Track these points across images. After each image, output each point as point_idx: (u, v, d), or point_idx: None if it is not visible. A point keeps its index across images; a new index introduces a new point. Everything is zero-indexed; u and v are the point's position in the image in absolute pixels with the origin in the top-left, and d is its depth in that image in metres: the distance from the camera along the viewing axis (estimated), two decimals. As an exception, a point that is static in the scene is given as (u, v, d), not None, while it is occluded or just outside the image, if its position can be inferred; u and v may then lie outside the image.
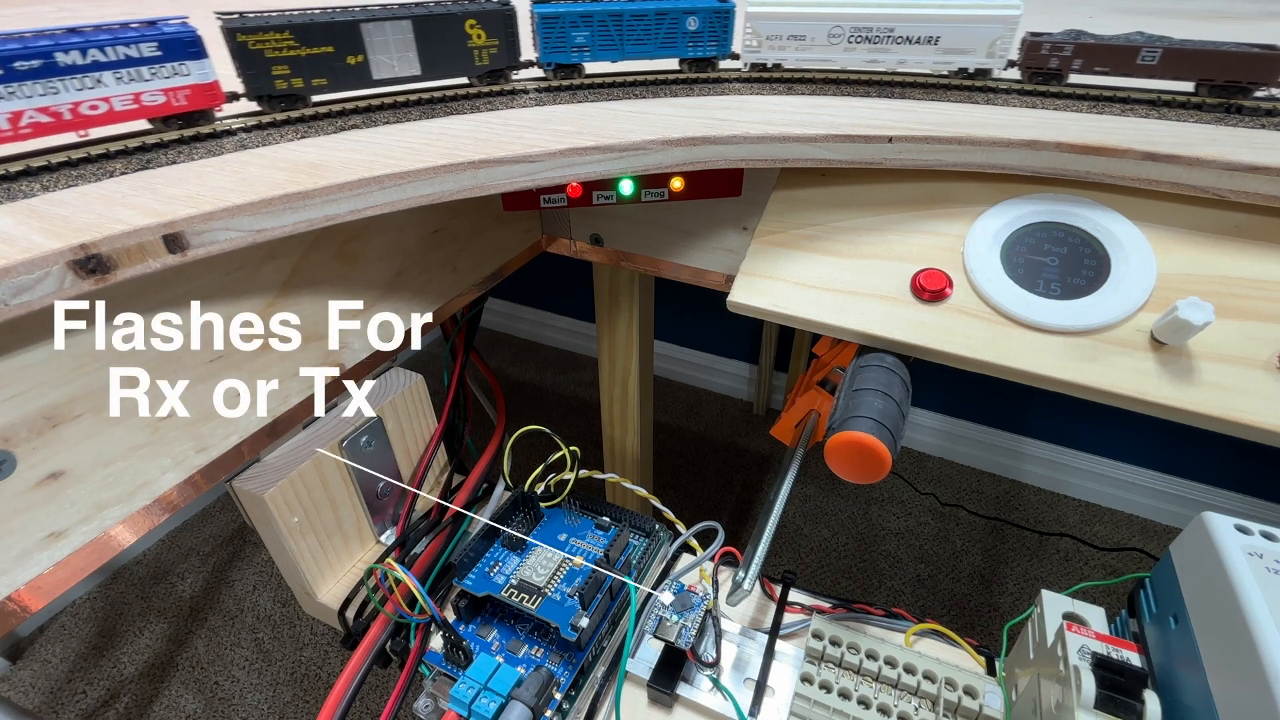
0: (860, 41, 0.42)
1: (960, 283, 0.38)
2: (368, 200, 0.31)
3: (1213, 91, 0.39)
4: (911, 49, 0.42)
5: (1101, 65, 0.40)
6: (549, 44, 0.41)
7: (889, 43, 0.42)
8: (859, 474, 0.33)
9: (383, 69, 0.38)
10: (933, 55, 0.42)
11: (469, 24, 0.39)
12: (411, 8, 0.38)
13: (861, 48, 0.42)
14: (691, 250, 0.53)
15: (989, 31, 0.41)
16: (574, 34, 0.41)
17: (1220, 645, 0.26)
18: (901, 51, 0.42)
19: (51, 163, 0.30)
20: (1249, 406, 0.32)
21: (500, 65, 0.41)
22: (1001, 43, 0.42)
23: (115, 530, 0.32)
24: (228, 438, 0.36)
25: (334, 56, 0.36)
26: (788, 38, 0.42)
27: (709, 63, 0.45)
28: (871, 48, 0.42)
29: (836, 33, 0.41)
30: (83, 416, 0.29)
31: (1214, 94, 0.39)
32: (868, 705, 0.35)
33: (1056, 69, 0.42)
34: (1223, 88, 0.39)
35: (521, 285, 1.94)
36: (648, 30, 0.42)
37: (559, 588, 0.40)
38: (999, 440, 1.46)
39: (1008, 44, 0.42)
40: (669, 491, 1.45)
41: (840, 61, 0.43)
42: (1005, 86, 0.43)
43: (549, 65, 0.42)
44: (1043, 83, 0.42)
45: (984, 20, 0.41)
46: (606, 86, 0.44)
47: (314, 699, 1.09)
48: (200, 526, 1.39)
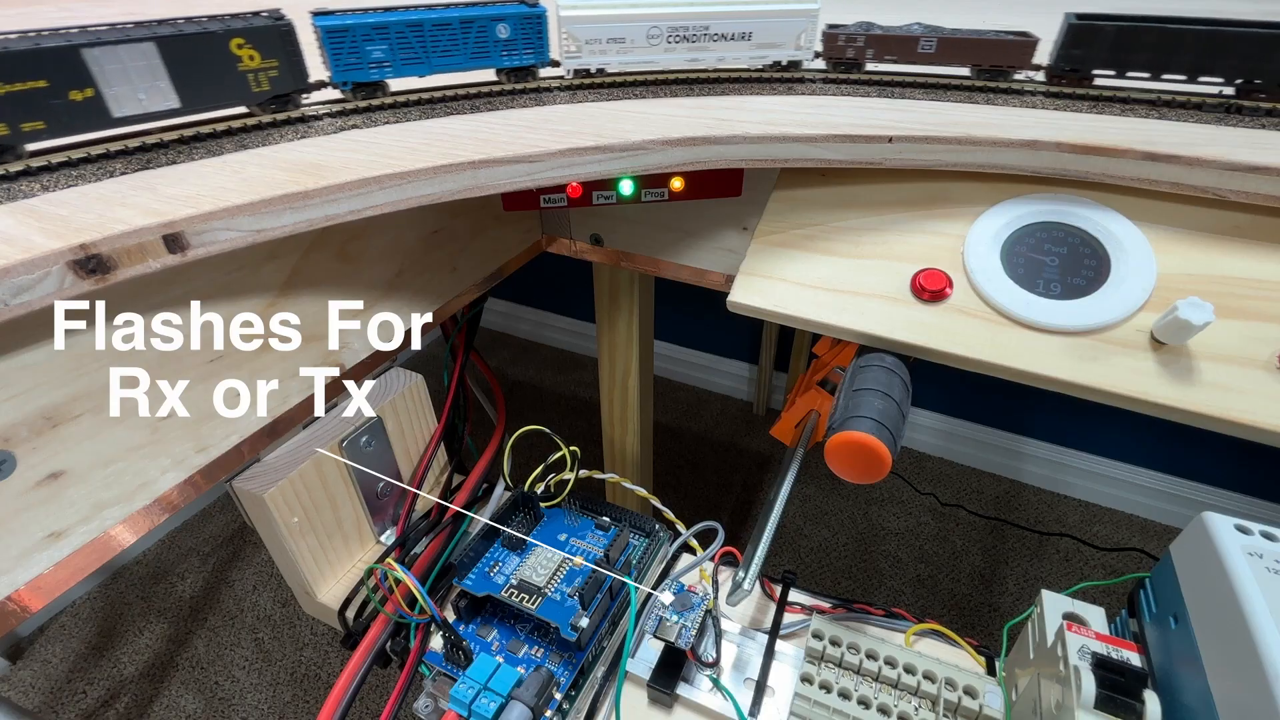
0: (679, 41, 0.42)
1: (960, 283, 0.38)
2: (368, 200, 0.31)
3: (981, 75, 0.44)
4: (728, 46, 0.43)
5: (890, 54, 0.44)
6: (341, 61, 0.37)
7: (706, 40, 0.42)
8: (859, 474, 0.33)
9: (125, 104, 0.31)
10: (748, 51, 0.43)
11: (235, 44, 0.33)
12: (154, 27, 0.31)
13: (681, 47, 0.42)
14: (691, 250, 0.53)
15: (794, 25, 0.43)
16: (369, 48, 0.37)
17: (1220, 645, 0.26)
18: (719, 49, 0.43)
19: (51, 163, 0.30)
20: (1249, 406, 0.32)
21: (285, 89, 0.36)
22: (806, 36, 0.44)
23: (115, 530, 0.32)
24: (228, 438, 0.36)
25: (49, 93, 0.29)
26: (607, 41, 0.41)
27: (528, 72, 0.43)
28: (691, 46, 0.42)
29: (655, 33, 0.41)
30: (83, 416, 0.29)
31: (982, 76, 0.44)
32: (868, 705, 0.35)
33: (854, 58, 0.45)
34: (989, 71, 0.44)
35: (521, 285, 1.94)
36: (454, 41, 0.39)
37: (559, 588, 0.40)
38: (999, 440, 1.46)
39: (812, 37, 0.44)
40: (669, 491, 1.45)
41: (663, 62, 0.43)
42: (812, 76, 0.45)
43: (345, 85, 0.38)
44: (845, 71, 0.46)
45: (789, 15, 0.43)
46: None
47: (314, 699, 1.09)
48: (200, 526, 1.39)
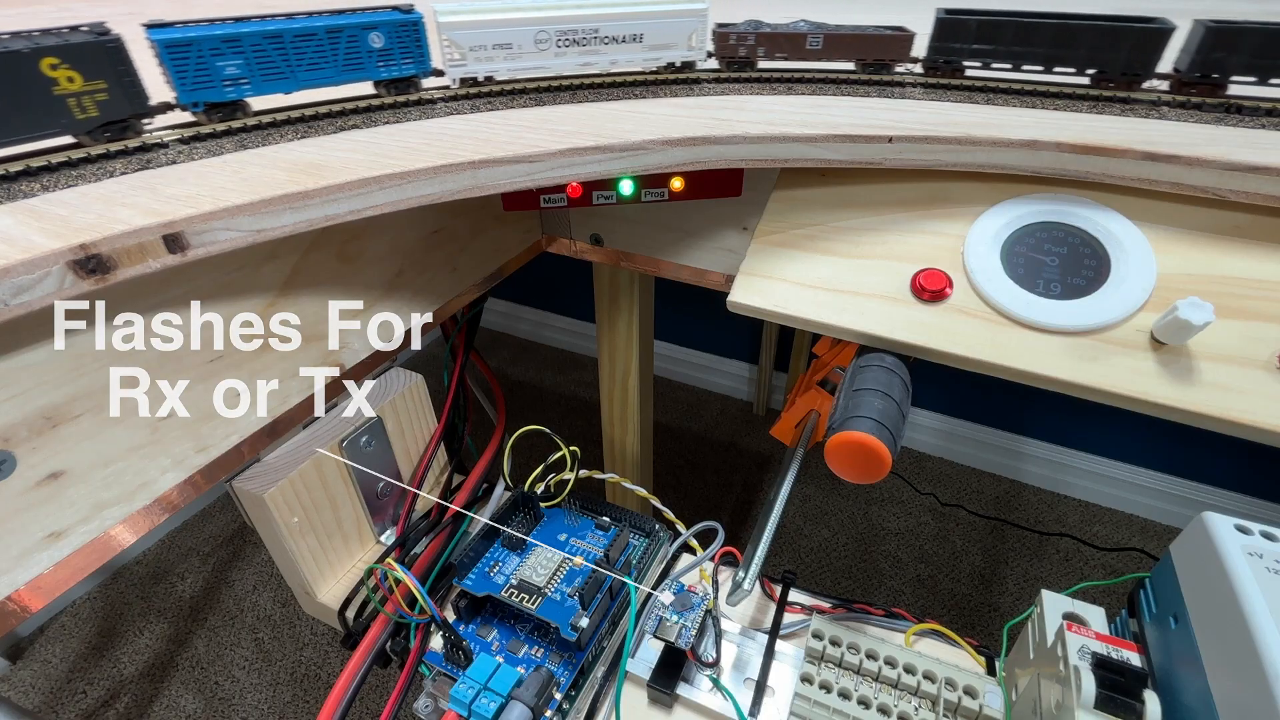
0: (569, 45, 0.41)
1: (960, 283, 0.38)
2: (368, 200, 0.31)
3: (866, 69, 0.46)
4: (620, 48, 0.42)
5: (780, 52, 0.44)
6: (186, 80, 0.33)
7: (597, 44, 0.41)
8: (859, 474, 0.33)
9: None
10: (641, 53, 0.43)
11: (48, 64, 0.28)
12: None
13: (572, 52, 0.41)
14: (691, 250, 0.53)
15: (685, 26, 0.43)
16: (221, 64, 0.33)
17: (1220, 645, 0.26)
18: (611, 51, 0.42)
19: (51, 163, 0.30)
20: (1249, 406, 0.32)
21: (119, 114, 0.31)
22: (698, 36, 0.44)
23: (115, 530, 0.32)
24: (228, 438, 0.36)
25: None
26: (493, 47, 0.40)
27: (409, 83, 0.40)
28: (582, 50, 0.41)
29: (543, 38, 0.40)
30: (83, 416, 0.29)
31: (867, 70, 0.46)
32: (868, 705, 0.35)
33: (746, 57, 0.45)
34: (873, 64, 0.45)
35: (521, 285, 1.94)
36: (322, 52, 0.36)
37: (559, 588, 0.40)
38: (999, 440, 1.46)
39: (703, 37, 0.44)
40: (669, 491, 1.45)
41: (554, 68, 0.42)
42: (707, 76, 0.46)
43: (196, 107, 0.34)
44: (738, 70, 0.46)
45: (679, 16, 0.43)
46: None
47: (314, 699, 1.09)
48: (200, 526, 1.39)
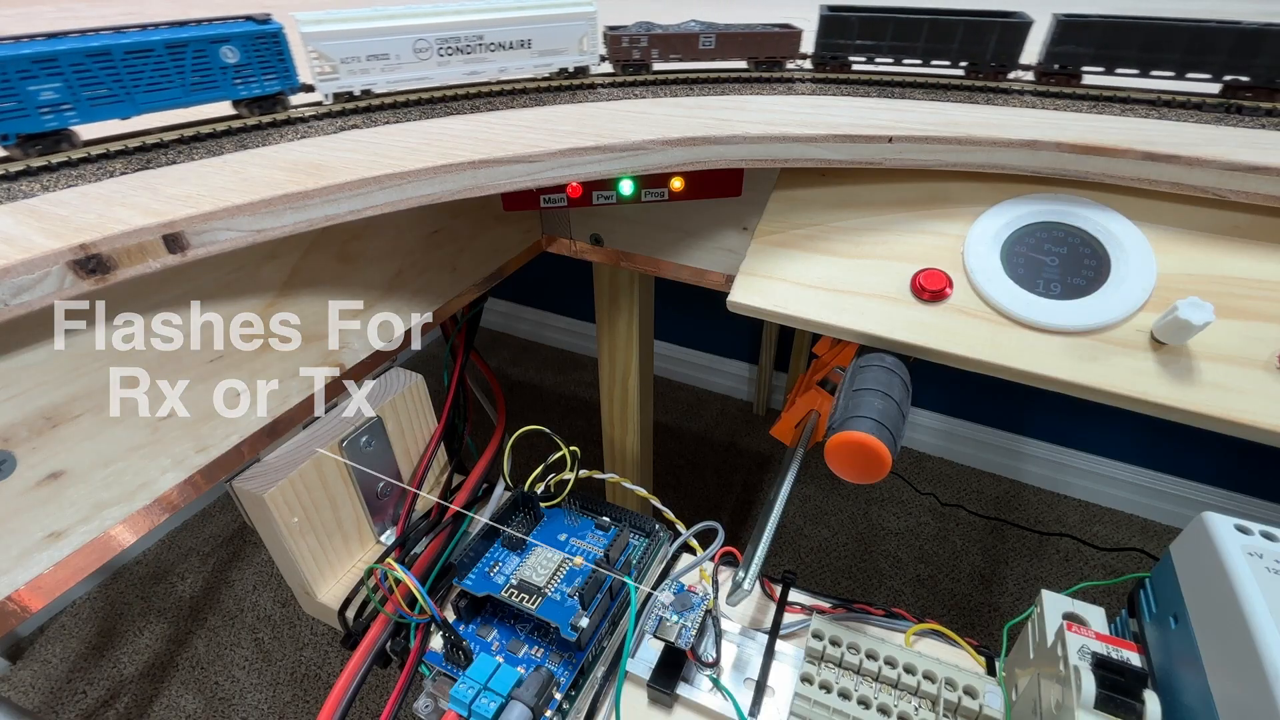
0: (453, 54, 0.39)
1: (960, 283, 0.38)
2: (368, 200, 0.31)
3: (759, 66, 0.46)
4: (508, 55, 0.40)
5: (674, 53, 0.44)
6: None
7: (483, 51, 0.40)
8: (859, 474, 0.33)
9: None
10: (530, 59, 0.41)
11: None
12: None
13: (456, 60, 0.39)
14: (691, 250, 0.53)
15: (574, 29, 0.42)
16: (34, 88, 0.28)
17: (1220, 645, 0.26)
18: (499, 59, 0.40)
19: (51, 163, 0.30)
20: (1249, 406, 0.32)
21: None
22: (589, 39, 0.42)
23: (115, 530, 0.32)
24: (228, 438, 0.36)
25: None
26: (368, 59, 0.37)
27: (273, 101, 0.37)
28: (467, 59, 0.39)
29: (423, 47, 0.38)
30: (83, 416, 0.29)
31: (760, 69, 0.46)
32: (868, 705, 0.35)
33: (640, 60, 0.44)
34: (765, 62, 0.46)
35: (521, 285, 1.94)
36: (164, 70, 0.31)
37: (559, 588, 0.40)
38: (999, 440, 1.46)
39: (594, 40, 0.43)
40: (669, 491, 1.45)
41: (439, 78, 0.40)
42: (601, 81, 0.45)
43: (4, 140, 0.29)
44: (634, 73, 0.45)
45: (567, 19, 0.41)
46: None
47: (314, 699, 1.09)
48: (200, 526, 1.39)
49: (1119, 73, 0.41)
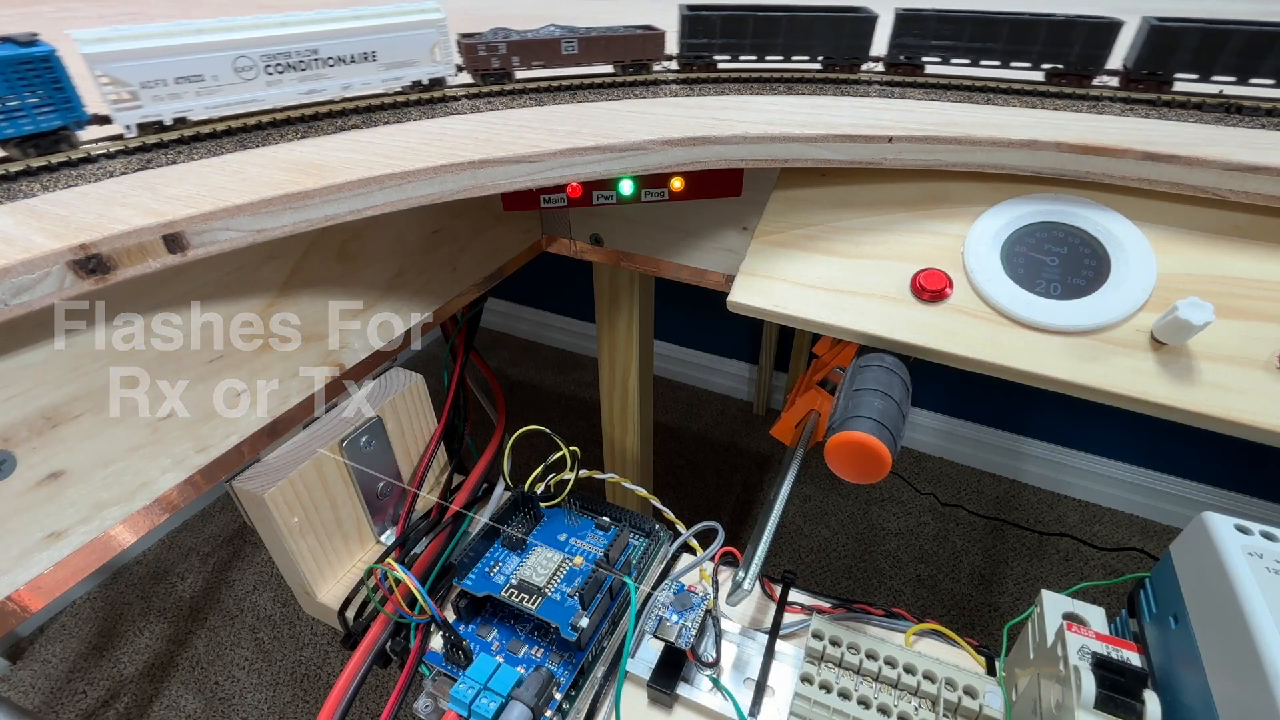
0: (284, 71, 0.34)
1: (960, 283, 0.38)
2: (368, 200, 0.31)
3: (626, 70, 0.46)
4: (352, 70, 0.37)
5: (536, 59, 0.43)
6: None
7: (320, 67, 0.35)
8: (859, 474, 0.33)
9: None
10: (378, 73, 0.38)
11: None
12: None
13: (290, 78, 0.35)
14: (691, 250, 0.53)
15: (423, 39, 0.39)
16: None
17: (1220, 645, 0.26)
18: (341, 74, 0.36)
19: (51, 163, 0.30)
20: (1249, 406, 0.32)
21: None
22: (441, 49, 0.40)
23: (115, 530, 0.32)
24: (228, 438, 0.36)
25: None
26: (176, 81, 0.32)
27: (53, 138, 0.31)
28: (303, 76, 0.35)
29: (246, 65, 0.33)
30: (83, 416, 0.29)
31: (627, 72, 0.46)
32: (868, 705, 0.35)
33: (501, 68, 0.43)
34: (631, 65, 0.45)
35: (521, 285, 1.94)
36: None
37: (559, 588, 0.40)
38: (999, 440, 1.46)
39: (447, 49, 0.40)
40: (669, 491, 1.45)
41: (270, 99, 0.35)
42: (461, 93, 0.42)
43: None
44: (495, 82, 0.43)
45: (412, 28, 0.38)
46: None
47: (314, 699, 1.09)
48: (200, 526, 1.39)
49: (954, 63, 0.44)
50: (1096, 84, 0.43)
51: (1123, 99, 0.42)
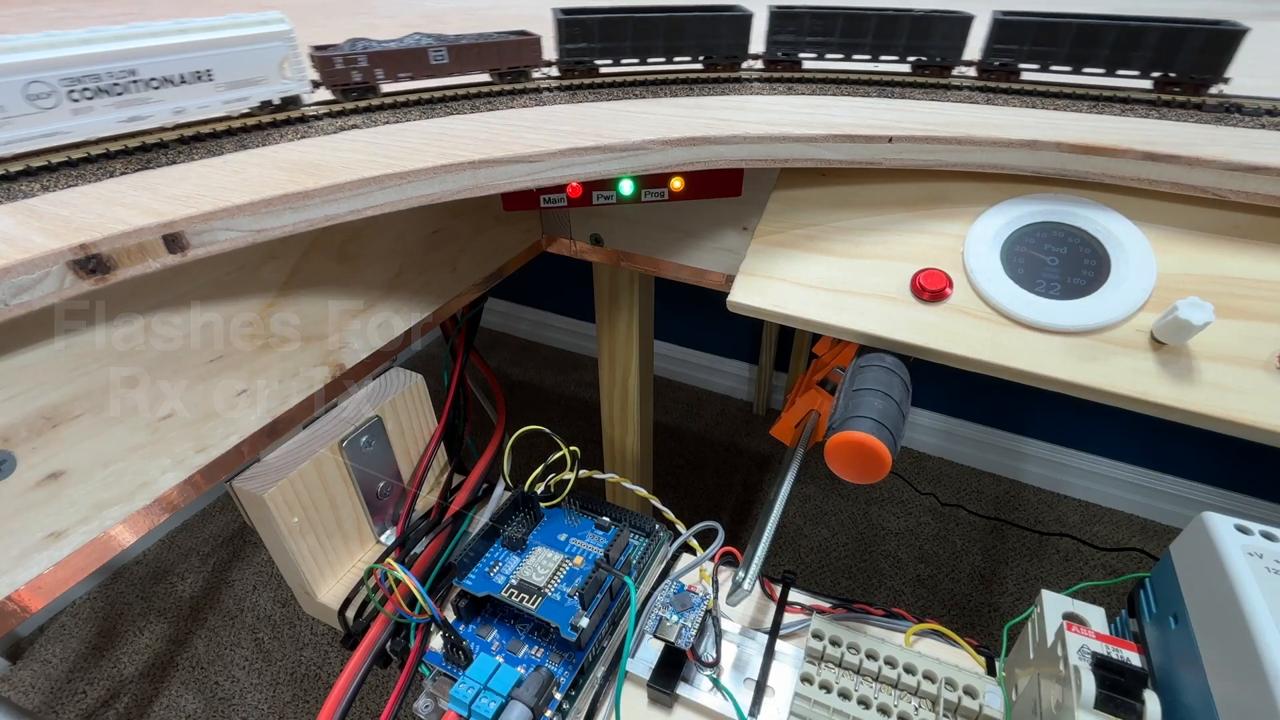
0: (94, 96, 0.29)
1: (960, 283, 0.38)
2: (368, 200, 0.31)
3: (502, 78, 0.43)
4: (183, 91, 0.32)
5: (404, 71, 0.40)
6: None
7: (144, 90, 0.31)
8: (859, 474, 0.33)
9: None
10: (218, 94, 0.33)
11: None
12: None
13: (103, 104, 0.30)
14: (691, 250, 0.53)
15: (268, 53, 0.35)
16: None
17: (1220, 645, 0.26)
18: (170, 97, 0.32)
19: (51, 163, 0.30)
20: (1249, 406, 0.32)
21: None
22: (292, 63, 0.36)
23: (115, 530, 0.32)
24: (228, 438, 0.36)
25: None
26: None
27: None
28: (120, 101, 0.30)
29: (43, 91, 0.28)
30: (83, 416, 0.29)
31: (505, 80, 0.44)
32: (868, 705, 0.35)
33: (364, 82, 0.39)
34: (509, 73, 0.44)
35: (521, 285, 1.94)
36: None
37: (559, 588, 0.40)
38: (999, 440, 1.46)
39: (299, 63, 0.36)
40: (669, 491, 1.45)
41: (82, 130, 0.30)
42: (323, 111, 0.38)
43: None
44: (359, 98, 0.40)
45: (254, 41, 0.34)
46: (608, 86, 0.44)
47: (314, 699, 1.09)
48: (200, 526, 1.39)
49: (829, 58, 0.46)
50: (956, 74, 0.45)
51: (979, 88, 0.44)
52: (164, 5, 0.74)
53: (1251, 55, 0.39)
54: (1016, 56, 0.43)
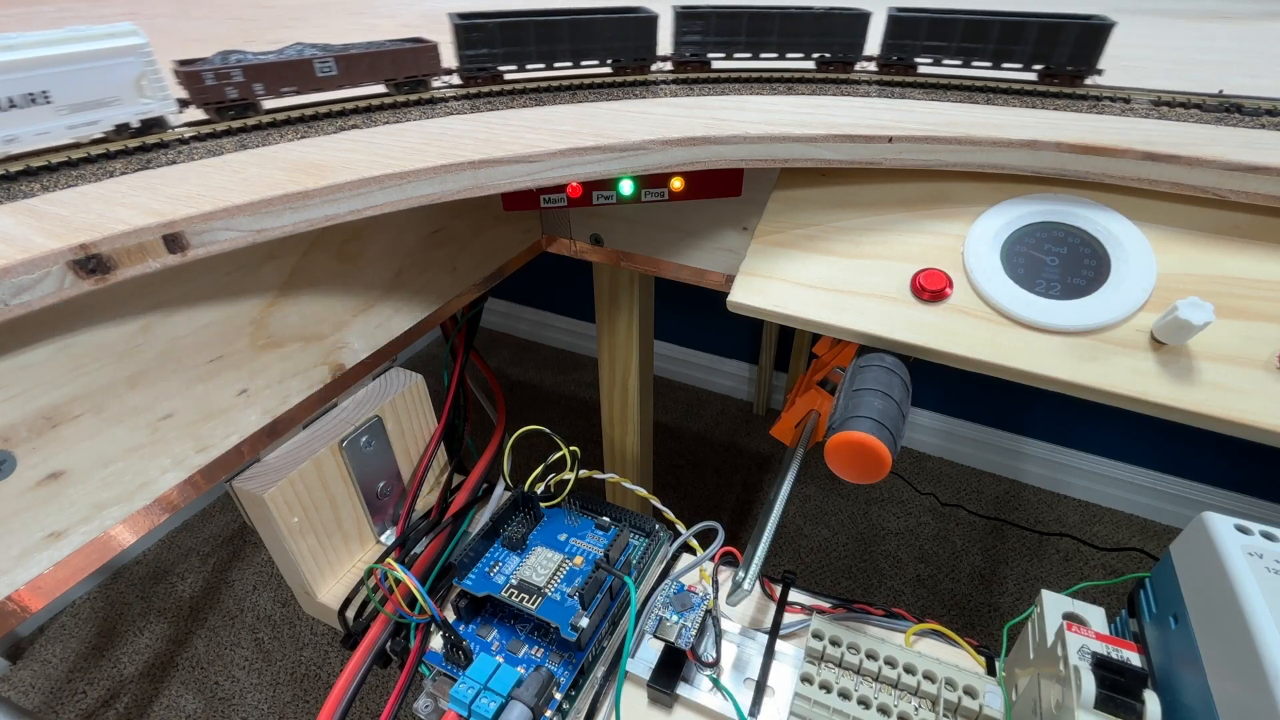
0: None
1: (960, 283, 0.38)
2: (368, 200, 0.31)
3: (400, 89, 0.41)
4: (14, 117, 0.28)
5: (286, 85, 0.37)
6: None
7: None
8: (859, 474, 0.33)
9: None
10: (61, 119, 0.29)
11: None
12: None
13: None
14: (691, 250, 0.53)
15: (122, 70, 0.30)
16: None
17: (1220, 645, 0.26)
18: None
19: (51, 163, 0.30)
20: (1249, 406, 0.32)
21: None
22: (150, 80, 0.32)
23: (115, 530, 0.32)
24: (228, 438, 0.36)
25: None
26: None
27: None
28: None
29: None
30: (83, 416, 0.29)
31: (402, 90, 0.41)
32: (868, 705, 0.35)
33: (241, 98, 0.35)
34: (405, 83, 0.41)
35: (521, 285, 1.94)
36: None
37: (559, 588, 0.40)
38: (999, 440, 1.46)
39: (159, 80, 0.32)
40: (669, 491, 1.45)
41: None
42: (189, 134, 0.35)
43: None
44: (238, 116, 0.36)
45: (102, 56, 0.29)
46: (608, 86, 0.44)
47: (314, 699, 1.09)
48: (200, 526, 1.39)
49: (737, 57, 0.46)
50: (858, 70, 0.46)
51: (879, 82, 0.45)
52: (164, 5, 0.74)
53: (1251, 55, 0.39)
54: (912, 51, 0.44)
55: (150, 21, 0.62)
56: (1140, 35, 0.58)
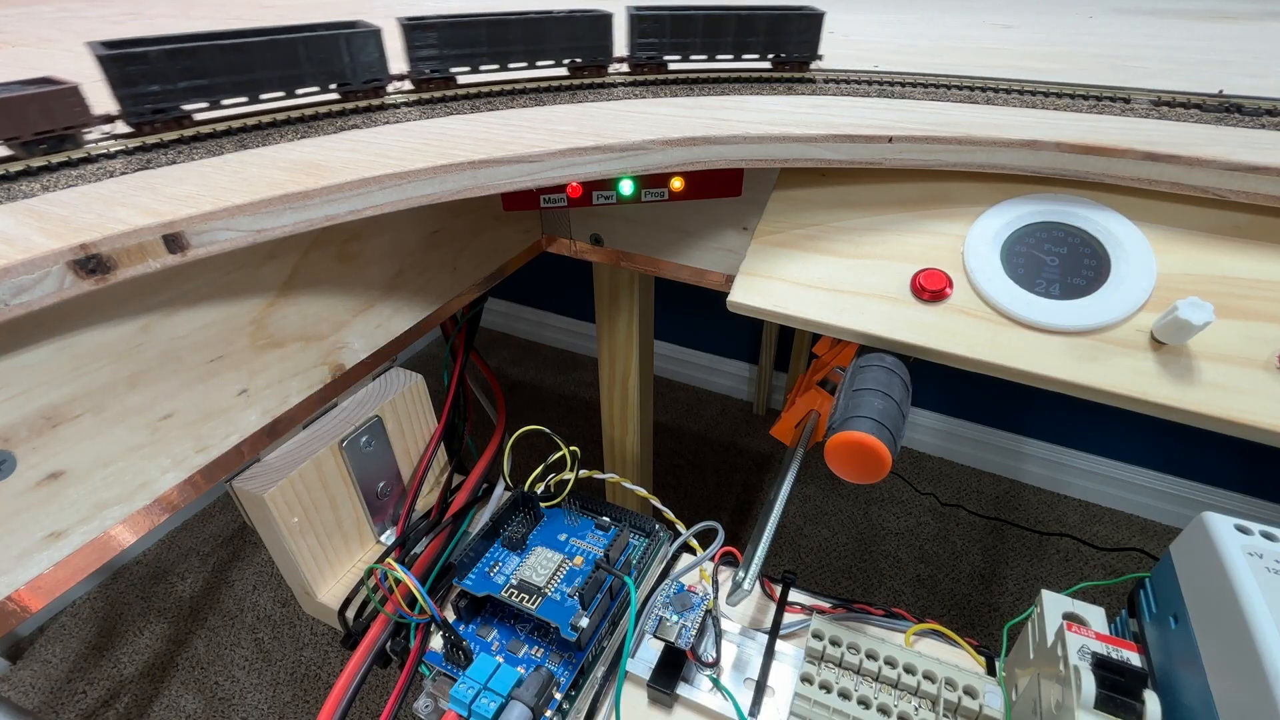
0: None
1: (960, 283, 0.38)
2: (368, 200, 0.31)
3: (28, 148, 0.30)
4: None
5: None
6: None
7: None
8: (859, 474, 0.33)
9: None
10: None
11: None
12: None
13: None
14: (691, 250, 0.53)
15: None
16: None
17: (1220, 645, 0.26)
18: None
19: (51, 163, 0.30)
20: (1249, 406, 0.32)
21: None
22: None
23: (115, 530, 0.32)
24: (228, 438, 0.36)
25: None
26: None
27: None
28: None
29: None
30: (83, 416, 0.29)
31: (31, 151, 0.30)
32: (868, 705, 0.35)
33: None
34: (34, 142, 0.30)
35: (521, 285, 1.94)
36: None
37: (559, 588, 0.40)
38: (999, 440, 1.46)
39: None
40: (669, 491, 1.45)
41: None
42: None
43: None
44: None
45: None
46: (609, 86, 0.44)
47: (314, 699, 1.09)
48: (200, 526, 1.39)
49: (482, 70, 0.43)
50: (612, 72, 0.45)
51: (633, 83, 0.45)
52: (163, 5, 0.74)
53: (1251, 55, 0.39)
54: (660, 49, 0.44)
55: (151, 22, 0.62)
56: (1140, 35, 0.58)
